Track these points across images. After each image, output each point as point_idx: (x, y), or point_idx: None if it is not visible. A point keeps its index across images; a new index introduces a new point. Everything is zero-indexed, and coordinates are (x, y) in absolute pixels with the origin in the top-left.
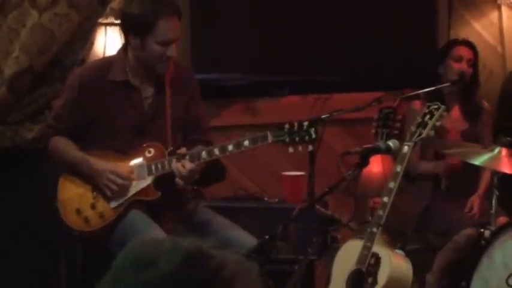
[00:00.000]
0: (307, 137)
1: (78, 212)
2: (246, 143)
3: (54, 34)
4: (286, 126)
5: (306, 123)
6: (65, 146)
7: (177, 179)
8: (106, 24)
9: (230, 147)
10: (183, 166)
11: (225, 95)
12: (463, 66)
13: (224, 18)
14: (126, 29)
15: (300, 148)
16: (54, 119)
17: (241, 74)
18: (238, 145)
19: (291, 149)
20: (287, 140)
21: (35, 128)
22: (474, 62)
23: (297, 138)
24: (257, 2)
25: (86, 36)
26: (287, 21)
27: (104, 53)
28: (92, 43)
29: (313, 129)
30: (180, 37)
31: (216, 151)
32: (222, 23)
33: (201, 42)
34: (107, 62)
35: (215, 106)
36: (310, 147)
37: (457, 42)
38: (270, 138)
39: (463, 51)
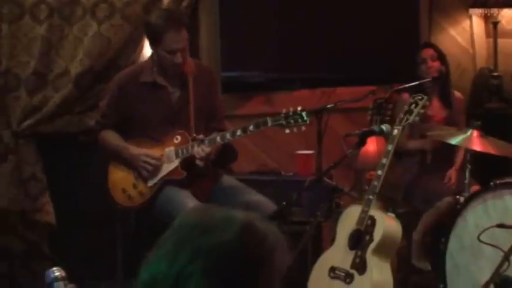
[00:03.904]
0: (300, 120)
1: (124, 191)
2: (251, 127)
3: (111, 41)
4: (283, 111)
5: (299, 108)
6: (110, 138)
7: (197, 161)
8: None
9: (238, 132)
10: (202, 150)
11: (248, 89)
12: (429, 64)
13: (248, 27)
14: (146, 36)
15: (295, 129)
16: (101, 116)
17: (261, 72)
18: (244, 130)
19: (287, 131)
20: (283, 123)
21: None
22: (438, 56)
23: (291, 121)
24: (275, 15)
25: (136, 42)
26: (299, 30)
27: None
28: (141, 48)
29: (305, 112)
30: (186, 47)
31: (228, 135)
32: (246, 31)
33: (229, 46)
34: (139, 67)
35: (239, 99)
36: (304, 128)
37: (420, 47)
38: (269, 123)
39: (424, 53)
